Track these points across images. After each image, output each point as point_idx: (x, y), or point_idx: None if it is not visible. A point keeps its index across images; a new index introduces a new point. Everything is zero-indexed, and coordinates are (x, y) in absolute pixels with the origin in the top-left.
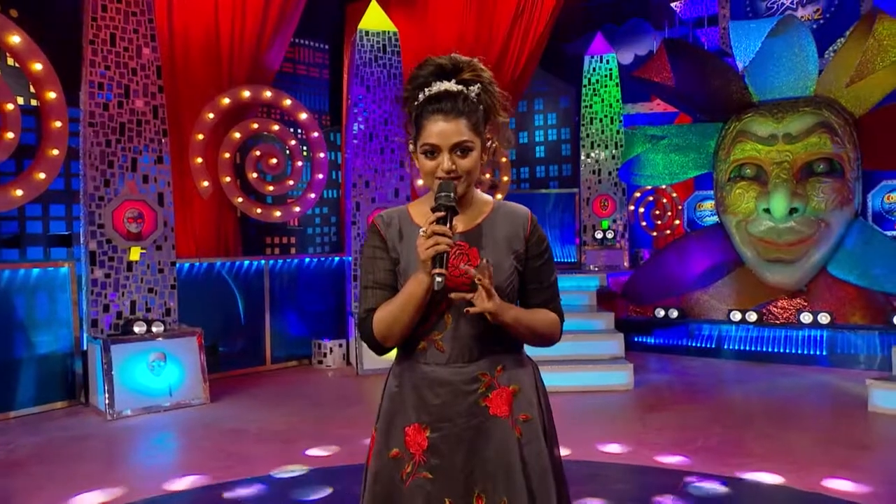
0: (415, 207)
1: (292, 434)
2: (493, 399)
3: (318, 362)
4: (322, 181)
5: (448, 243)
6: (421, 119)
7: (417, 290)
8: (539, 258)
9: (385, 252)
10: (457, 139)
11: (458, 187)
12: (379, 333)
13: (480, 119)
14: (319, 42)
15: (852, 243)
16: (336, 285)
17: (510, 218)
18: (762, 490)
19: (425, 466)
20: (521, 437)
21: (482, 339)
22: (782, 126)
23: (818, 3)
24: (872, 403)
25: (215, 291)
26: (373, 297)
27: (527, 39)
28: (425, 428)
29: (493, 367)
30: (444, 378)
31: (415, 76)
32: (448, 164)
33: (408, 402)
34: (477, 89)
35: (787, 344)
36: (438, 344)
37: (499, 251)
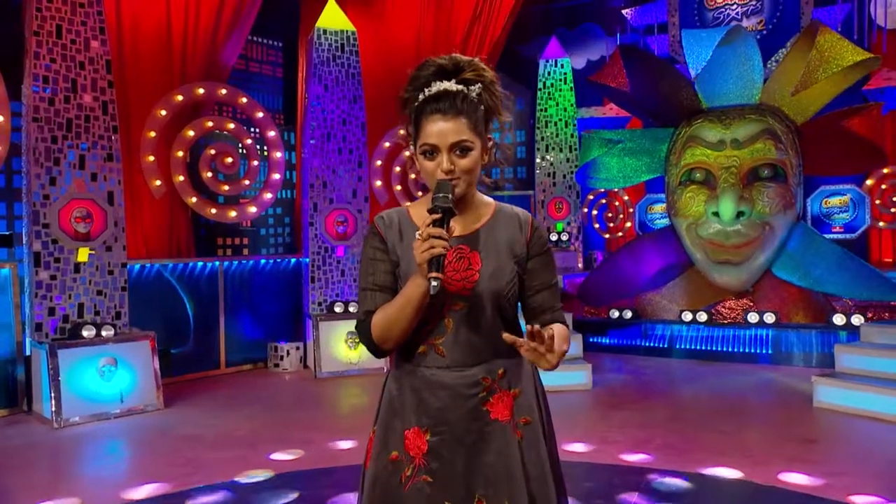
0: (414, 208)
1: (253, 439)
2: (494, 403)
3: (275, 365)
4: (279, 181)
5: (444, 246)
6: (420, 119)
7: (415, 294)
8: (540, 260)
9: (385, 253)
10: (456, 138)
11: (458, 188)
12: (377, 336)
13: (481, 119)
14: (273, 39)
15: (794, 246)
16: (292, 287)
17: (511, 221)
18: (722, 485)
19: (425, 470)
20: (521, 440)
21: (483, 344)
22: (730, 132)
23: (761, 14)
24: (817, 399)
25: (167, 294)
26: (372, 300)
27: (484, 41)
28: (425, 431)
29: (494, 371)
30: (444, 382)
31: (415, 77)
32: (447, 164)
33: (407, 406)
34: (478, 89)
35: (735, 343)
36: (439, 348)
37: (500, 255)
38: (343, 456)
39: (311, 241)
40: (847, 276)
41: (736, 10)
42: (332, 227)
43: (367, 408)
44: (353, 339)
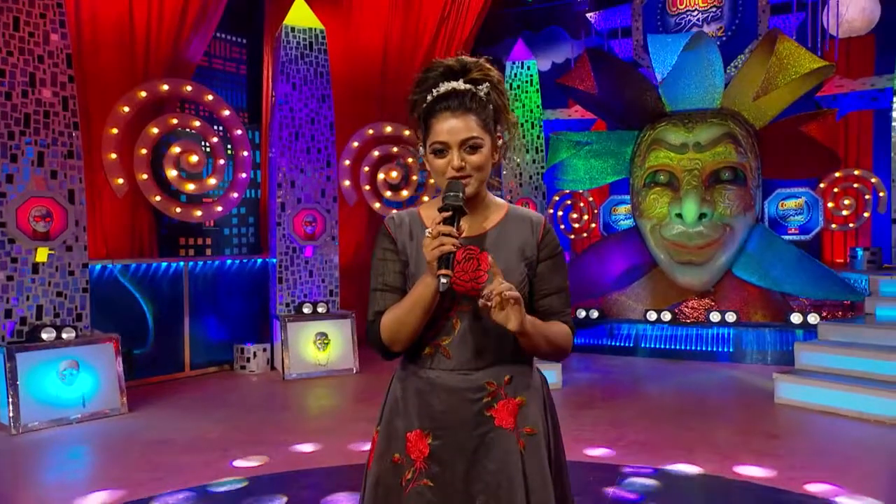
0: (425, 210)
1: (225, 442)
2: (498, 410)
3: (241, 368)
4: (245, 180)
5: (454, 243)
6: (429, 119)
7: (425, 293)
8: (550, 263)
9: (395, 254)
10: (466, 135)
11: (468, 186)
12: (386, 337)
13: (490, 117)
14: (237, 35)
15: (754, 247)
16: (259, 288)
17: (523, 223)
18: (692, 480)
19: (426, 473)
20: (524, 450)
21: (491, 347)
22: (692, 135)
23: (721, 21)
24: (778, 396)
25: (127, 295)
26: (381, 300)
27: (452, 43)
28: (427, 434)
29: (501, 377)
30: (449, 384)
31: (423, 79)
32: (458, 161)
33: (411, 408)
34: (486, 88)
35: (697, 342)
36: (445, 350)
37: (510, 257)
38: (320, 458)
39: (278, 242)
40: (804, 277)
41: (697, 16)
42: (300, 227)
43: (337, 409)
44: (322, 341)
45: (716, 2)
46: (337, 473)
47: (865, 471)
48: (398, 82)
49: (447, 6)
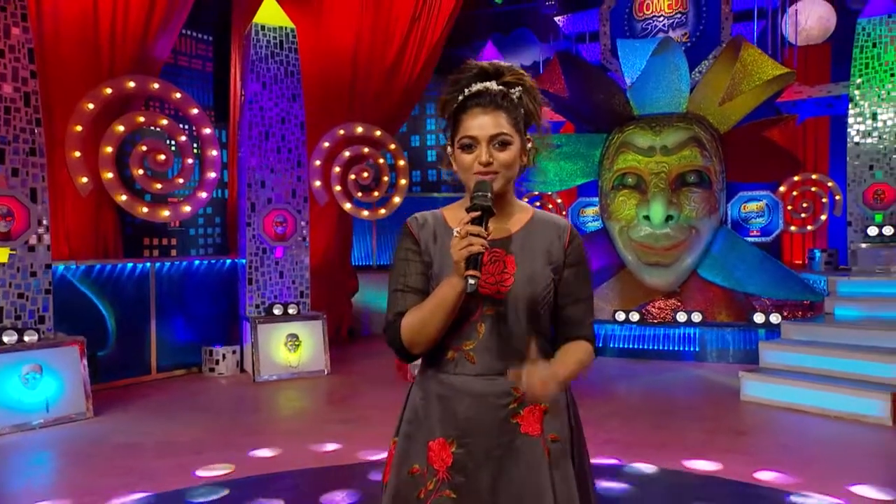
0: (450, 211)
1: (196, 446)
2: (524, 416)
3: (210, 370)
4: (214, 180)
5: (483, 244)
6: (460, 115)
7: (450, 294)
8: (574, 270)
9: (418, 255)
10: (495, 131)
11: (496, 183)
12: (406, 338)
13: (521, 118)
14: (203, 32)
15: (718, 248)
16: (228, 289)
17: (549, 228)
18: (664, 477)
19: (449, 484)
20: (549, 457)
21: (515, 351)
22: (660, 139)
23: (686, 27)
24: (744, 393)
25: (86, 296)
26: (402, 301)
27: (423, 44)
28: (451, 443)
29: None
30: (473, 389)
31: (456, 79)
32: (486, 157)
33: (433, 415)
34: (518, 91)
35: (665, 341)
36: (469, 354)
37: (535, 261)
38: (295, 461)
39: (248, 242)
40: (766, 277)
41: (663, 21)
42: (270, 227)
43: (310, 411)
44: (293, 342)
45: (681, 8)
46: (312, 475)
47: (829, 465)
48: (369, 83)
49: (418, 6)
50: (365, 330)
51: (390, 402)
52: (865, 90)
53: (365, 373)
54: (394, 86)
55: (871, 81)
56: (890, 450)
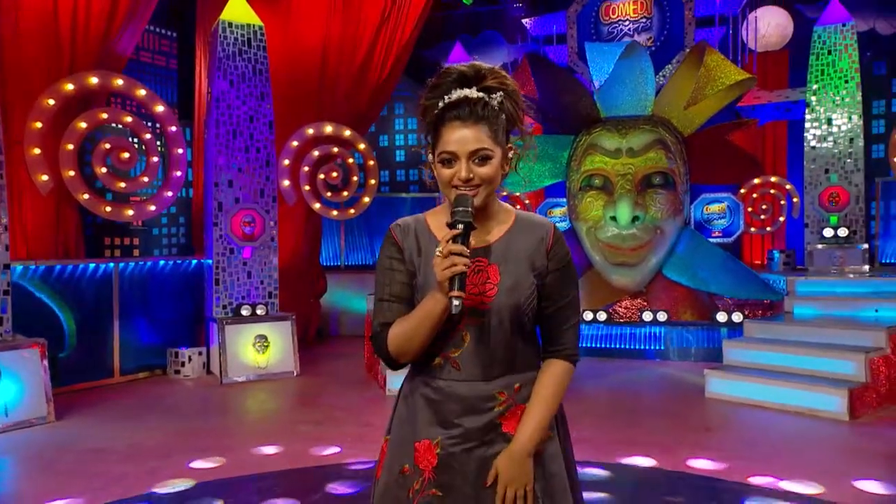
0: (433, 217)
1: (165, 449)
2: (508, 418)
3: (175, 372)
4: (180, 179)
5: (466, 263)
6: (439, 127)
7: (434, 310)
8: (556, 274)
9: (402, 263)
10: (475, 146)
11: (477, 198)
12: (394, 349)
13: (502, 127)
14: (167, 28)
15: (682, 249)
16: (194, 289)
17: (531, 232)
18: (639, 473)
19: (434, 484)
20: (543, 455)
21: (500, 359)
22: (626, 141)
23: (651, 31)
24: (709, 391)
25: (54, 297)
26: (388, 311)
27: (392, 45)
28: (436, 444)
29: (510, 386)
30: (459, 394)
31: (436, 85)
32: (466, 173)
33: (420, 418)
34: (499, 97)
35: (631, 340)
36: (454, 361)
37: (520, 268)
38: (266, 462)
39: (215, 242)
40: (729, 277)
41: (628, 26)
42: (238, 227)
43: (279, 412)
44: (261, 343)
45: (646, 13)
46: (284, 477)
47: (791, 459)
48: (338, 82)
49: (388, 8)
50: (333, 330)
51: (361, 403)
52: (821, 96)
53: (334, 373)
54: (363, 86)
55: (826, 88)
56: (847, 443)
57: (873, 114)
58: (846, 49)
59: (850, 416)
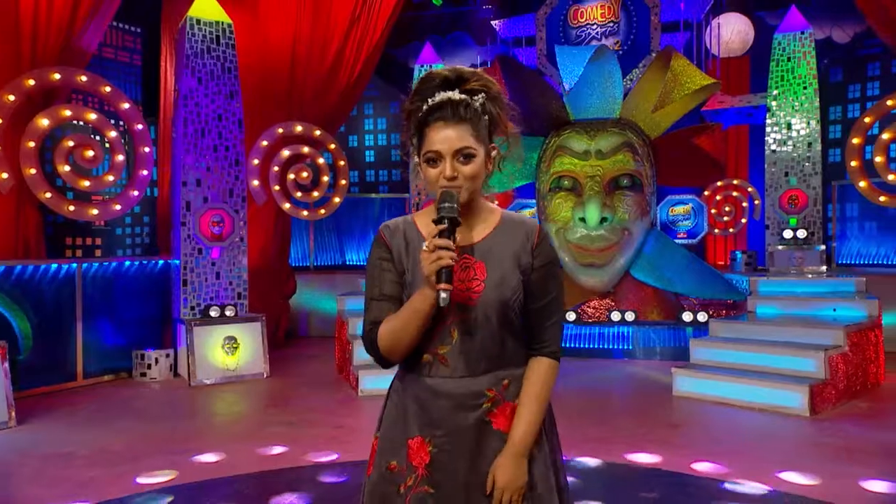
0: (420, 217)
1: (133, 452)
2: (497, 414)
3: (141, 375)
4: (147, 177)
5: (452, 257)
6: (424, 128)
7: (423, 306)
8: (541, 271)
9: (391, 263)
10: (459, 145)
11: (461, 195)
12: (384, 347)
13: (484, 128)
14: (131, 24)
15: (649, 250)
16: (160, 290)
17: (517, 230)
18: (610, 469)
19: (427, 480)
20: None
21: (488, 355)
22: (594, 143)
23: (618, 35)
24: (676, 389)
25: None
26: (378, 310)
27: (363, 45)
28: (428, 442)
29: (499, 383)
30: (448, 391)
31: (419, 89)
32: (450, 171)
33: (411, 415)
34: (481, 98)
35: (600, 340)
36: (443, 358)
37: (506, 265)
38: (240, 464)
39: (183, 242)
40: (694, 278)
41: (596, 29)
42: (206, 227)
43: (251, 414)
44: (231, 345)
45: (613, 17)
46: (259, 479)
47: (755, 454)
48: (308, 82)
49: (358, 7)
50: (302, 331)
51: (334, 403)
52: (781, 101)
53: (305, 374)
54: (333, 86)
55: (786, 93)
56: (809, 438)
57: (830, 119)
58: (804, 56)
59: (811, 411)
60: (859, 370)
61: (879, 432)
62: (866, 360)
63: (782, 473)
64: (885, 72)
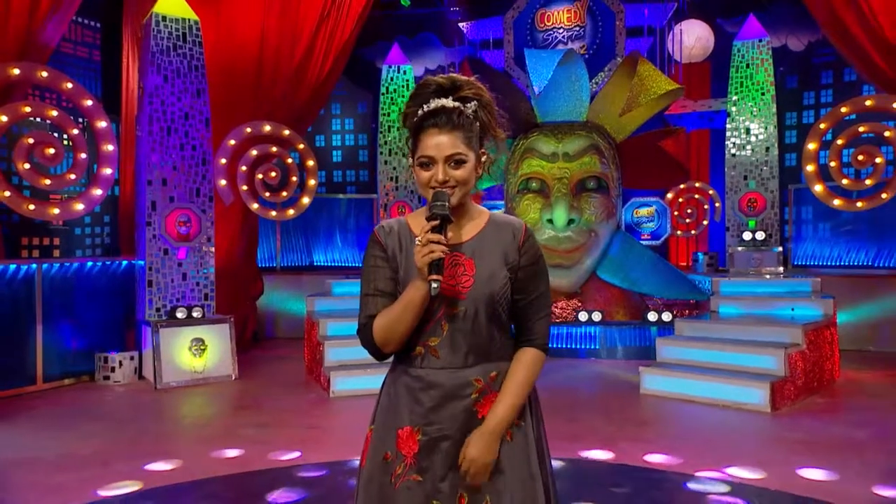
0: (413, 219)
1: (102, 457)
2: (484, 404)
3: (104, 378)
4: (110, 176)
5: (443, 250)
6: (419, 133)
7: (416, 297)
8: (528, 269)
9: (385, 261)
10: (451, 151)
11: (452, 197)
12: (379, 339)
13: (476, 134)
14: (90, 18)
15: (615, 251)
16: (124, 291)
17: (505, 229)
18: (583, 465)
19: (415, 469)
20: (511, 440)
21: (477, 347)
22: (562, 146)
23: (583, 39)
24: (644, 387)
25: None
26: (373, 304)
27: (332, 43)
28: (417, 431)
29: (487, 374)
30: (437, 381)
31: (416, 94)
32: (442, 175)
33: (402, 405)
34: (474, 106)
35: (568, 340)
36: (434, 350)
37: (493, 262)
38: (213, 467)
39: (148, 243)
40: (659, 278)
41: (563, 33)
42: (172, 227)
43: (222, 416)
44: (198, 347)
45: (579, 22)
46: (233, 481)
47: (720, 449)
48: (276, 81)
49: (327, 5)
50: (269, 333)
51: (306, 404)
52: (740, 107)
53: (275, 376)
54: (302, 85)
55: (745, 99)
56: (770, 433)
57: (786, 125)
58: (762, 63)
59: (772, 407)
60: (816, 367)
61: (836, 427)
62: (823, 357)
63: (742, 467)
64: (837, 80)
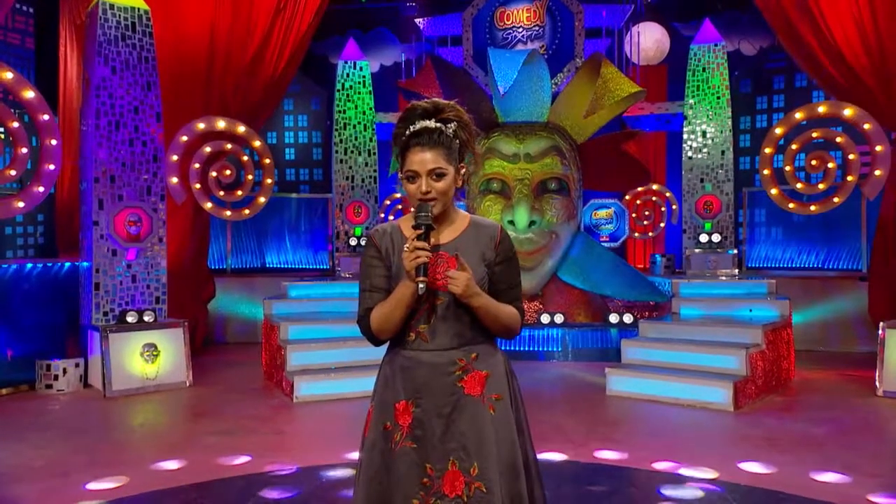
0: (404, 222)
1: (62, 468)
2: (467, 381)
3: (47, 387)
4: (53, 173)
5: (427, 255)
6: (405, 151)
7: (406, 295)
8: (505, 264)
9: (380, 260)
10: (432, 166)
11: (435, 206)
12: (375, 329)
13: (455, 151)
14: (22, 3)
15: (576, 253)
16: (67, 295)
17: (482, 231)
18: (553, 466)
19: (411, 437)
20: (493, 412)
21: (460, 332)
22: (523, 146)
23: (543, 39)
24: (609, 388)
25: None
26: (370, 299)
27: (288, 38)
28: (411, 403)
29: (469, 355)
30: (427, 360)
31: (404, 118)
32: (425, 187)
33: (397, 382)
34: (454, 126)
35: (531, 342)
36: (423, 334)
37: (473, 260)
38: (176, 476)
39: (95, 243)
40: (620, 280)
41: (522, 33)
42: (121, 227)
43: (180, 424)
44: (150, 353)
45: (538, 21)
46: (198, 490)
47: (685, 447)
48: (228, 75)
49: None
50: (219, 337)
51: (269, 410)
52: (697, 110)
53: (231, 382)
54: (256, 79)
55: (701, 102)
56: (733, 431)
57: (741, 128)
58: (718, 67)
59: (734, 406)
60: (774, 366)
61: (796, 424)
62: (780, 356)
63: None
64: (788, 85)
